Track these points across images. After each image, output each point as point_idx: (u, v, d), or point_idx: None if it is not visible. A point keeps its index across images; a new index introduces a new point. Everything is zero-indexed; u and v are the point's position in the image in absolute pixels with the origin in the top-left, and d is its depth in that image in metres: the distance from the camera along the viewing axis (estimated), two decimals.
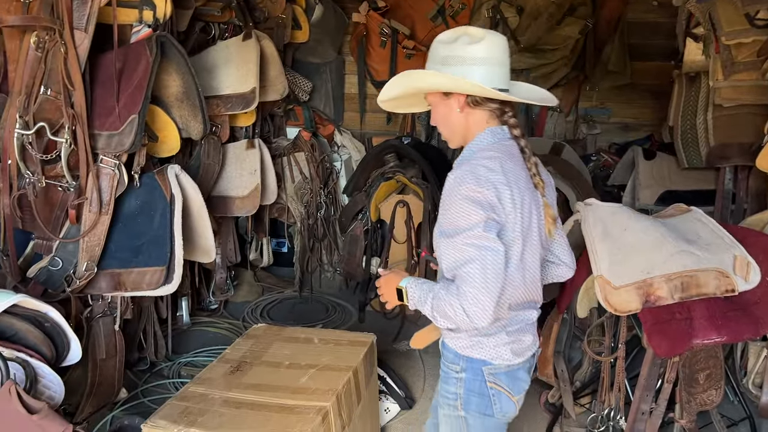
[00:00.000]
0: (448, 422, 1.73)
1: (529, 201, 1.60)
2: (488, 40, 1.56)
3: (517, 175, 1.58)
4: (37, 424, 1.71)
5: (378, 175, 4.29)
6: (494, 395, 1.66)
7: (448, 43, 1.58)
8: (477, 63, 1.54)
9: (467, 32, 1.58)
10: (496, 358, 1.64)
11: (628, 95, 4.58)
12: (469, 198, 1.49)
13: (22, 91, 2.23)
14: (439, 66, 1.58)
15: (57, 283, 2.43)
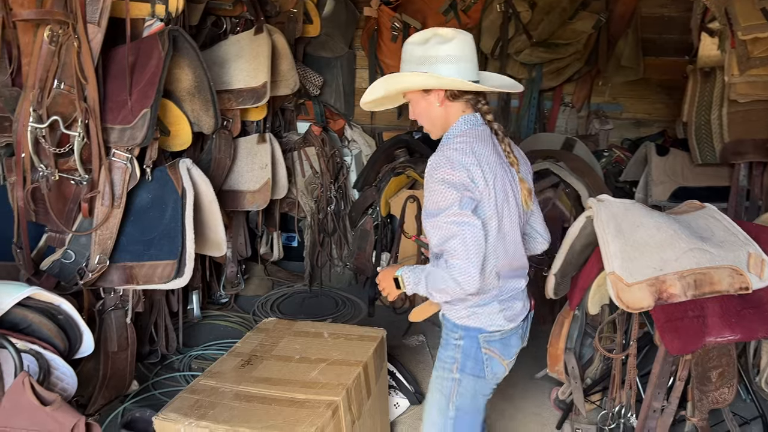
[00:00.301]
0: (441, 383, 1.89)
1: (503, 177, 1.75)
2: (458, 38, 1.72)
3: (487, 155, 1.73)
4: (50, 416, 1.72)
5: (388, 170, 4.28)
6: (487, 359, 1.84)
7: (420, 44, 1.73)
8: (451, 60, 1.70)
9: (437, 33, 1.72)
10: (490, 326, 1.81)
11: (640, 91, 4.55)
12: (444, 181, 1.66)
13: (35, 85, 2.24)
14: (416, 66, 1.72)
15: (69, 276, 2.45)
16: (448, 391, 1.88)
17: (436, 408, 1.93)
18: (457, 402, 1.88)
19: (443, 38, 1.71)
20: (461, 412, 1.89)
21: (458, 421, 1.90)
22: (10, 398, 1.73)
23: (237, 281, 3.92)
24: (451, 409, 1.89)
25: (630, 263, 2.19)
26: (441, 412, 1.91)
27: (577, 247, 2.39)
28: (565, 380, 2.75)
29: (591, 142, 4.47)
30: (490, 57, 4.50)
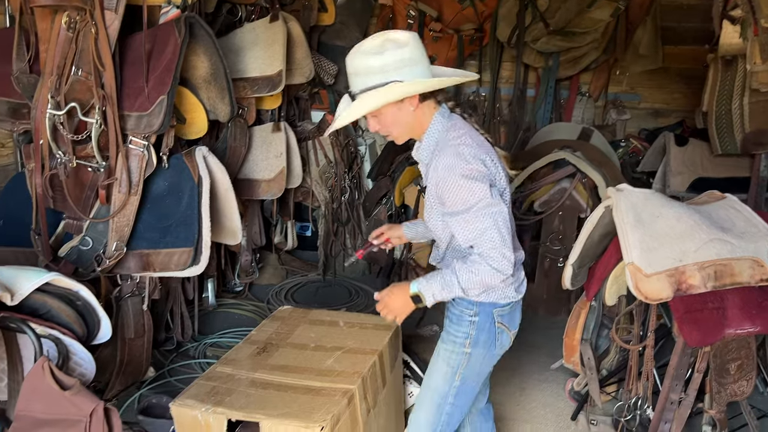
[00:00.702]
0: (448, 356, 1.92)
1: (493, 155, 1.82)
2: (413, 40, 1.70)
3: (480, 139, 1.81)
4: (69, 400, 1.74)
5: (403, 159, 4.26)
6: (498, 333, 1.90)
7: (377, 53, 1.68)
8: (415, 63, 1.69)
9: (389, 39, 1.69)
10: (504, 298, 1.87)
11: (659, 80, 4.48)
12: (466, 176, 1.69)
13: (53, 72, 2.25)
14: (378, 76, 1.68)
15: (87, 263, 2.46)
16: (457, 364, 1.92)
17: (441, 376, 1.96)
18: (464, 373, 1.93)
19: (399, 43, 1.68)
20: (466, 380, 1.95)
21: (461, 389, 1.96)
22: (30, 382, 1.74)
23: (251, 270, 3.93)
24: (456, 379, 1.94)
25: (649, 254, 2.16)
26: (446, 380, 1.95)
27: (595, 237, 2.37)
28: (581, 371, 2.73)
29: (608, 132, 4.43)
30: (507, 45, 4.45)
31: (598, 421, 2.80)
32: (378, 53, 1.67)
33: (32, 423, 1.73)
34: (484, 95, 4.77)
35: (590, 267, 2.55)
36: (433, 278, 1.80)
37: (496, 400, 3.02)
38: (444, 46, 4.56)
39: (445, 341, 1.96)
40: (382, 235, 2.26)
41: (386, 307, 1.89)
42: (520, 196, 3.77)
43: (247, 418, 1.95)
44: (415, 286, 1.81)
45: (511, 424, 2.85)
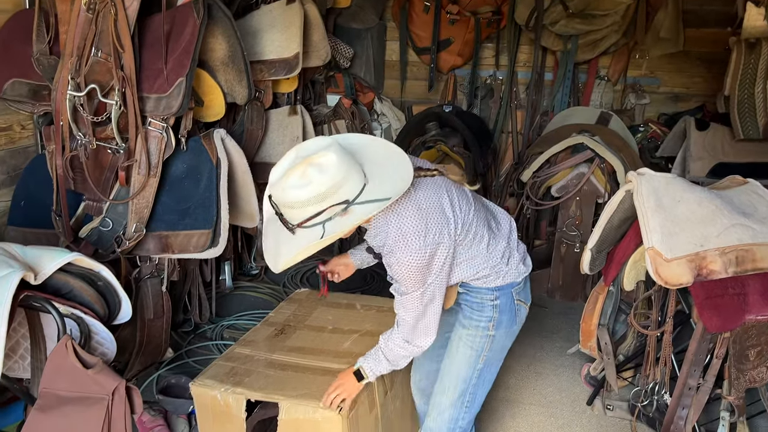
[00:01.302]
0: (472, 340, 1.93)
1: (451, 197, 1.74)
2: (334, 156, 1.54)
3: (430, 200, 1.70)
4: (92, 378, 1.76)
5: (419, 143, 4.25)
6: (518, 310, 1.95)
7: (303, 185, 1.52)
8: (345, 181, 1.54)
9: (311, 163, 1.52)
10: (519, 276, 1.92)
11: (679, 64, 4.42)
12: (414, 265, 1.68)
13: (73, 53, 2.25)
14: (314, 206, 1.54)
15: (107, 244, 2.48)
16: (481, 347, 1.94)
17: (464, 360, 1.96)
18: (488, 355, 1.96)
19: (321, 167, 1.52)
20: (489, 362, 1.98)
21: (484, 370, 1.98)
22: (54, 361, 1.77)
23: None
24: (480, 362, 1.96)
25: (670, 238, 2.14)
26: (470, 365, 1.96)
27: (615, 221, 2.36)
28: (597, 356, 2.73)
29: (626, 116, 4.38)
30: (525, 28, 4.40)
31: (614, 406, 2.80)
32: (304, 185, 1.52)
33: (56, 400, 1.75)
34: (501, 79, 4.72)
35: (609, 252, 2.53)
36: (369, 355, 1.92)
37: (511, 384, 3.04)
38: (461, 29, 4.52)
39: (466, 326, 1.95)
40: (328, 265, 2.21)
41: (335, 391, 1.91)
42: (537, 181, 3.75)
43: (266, 399, 1.97)
44: (357, 364, 1.92)
45: (527, 409, 2.86)
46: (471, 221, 1.79)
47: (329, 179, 1.52)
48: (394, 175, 1.64)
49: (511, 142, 4.73)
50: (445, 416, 2.00)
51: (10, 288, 1.66)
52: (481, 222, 1.84)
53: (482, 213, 1.88)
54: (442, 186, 1.75)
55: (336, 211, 1.56)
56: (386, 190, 1.60)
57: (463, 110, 4.56)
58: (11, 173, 2.80)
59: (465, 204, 1.79)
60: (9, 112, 2.73)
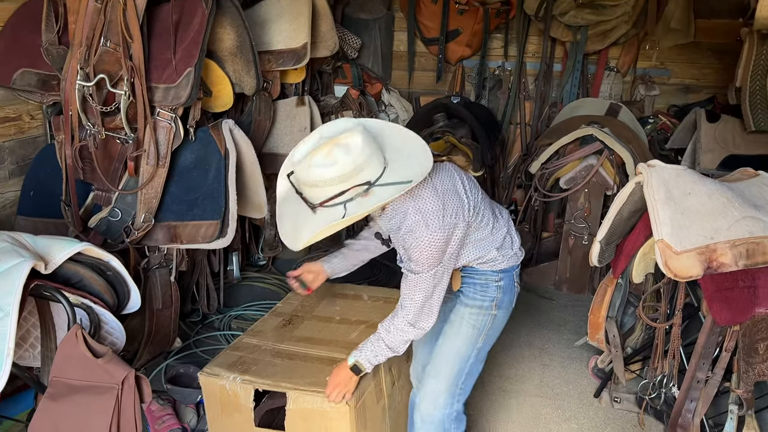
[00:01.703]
0: (475, 319, 1.99)
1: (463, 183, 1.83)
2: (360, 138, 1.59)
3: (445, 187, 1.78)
4: (102, 367, 1.77)
5: (426, 134, 4.23)
6: (516, 291, 2.06)
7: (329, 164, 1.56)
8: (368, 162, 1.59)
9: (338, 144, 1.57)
10: (518, 260, 2.02)
11: (690, 55, 4.38)
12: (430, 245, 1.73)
13: (82, 43, 2.25)
14: (337, 186, 1.58)
15: (116, 234, 2.49)
16: (483, 326, 2.00)
17: (464, 339, 2.01)
18: (489, 333, 2.03)
19: (348, 148, 1.57)
20: (487, 341, 2.05)
21: (482, 348, 2.05)
22: (64, 350, 1.78)
23: (275, 244, 3.95)
24: (480, 340, 2.02)
25: (679, 231, 2.13)
26: (470, 342, 2.01)
27: (625, 213, 2.34)
28: (605, 349, 2.72)
29: (636, 108, 4.35)
30: (534, 18, 4.37)
31: (622, 398, 2.79)
32: (330, 164, 1.56)
33: (66, 388, 1.77)
34: (509, 70, 4.70)
35: (618, 244, 2.52)
36: (365, 346, 1.91)
37: (518, 376, 3.04)
38: (470, 19, 4.49)
39: (469, 305, 2.01)
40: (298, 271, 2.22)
41: (335, 388, 1.90)
42: (545, 173, 3.73)
43: (275, 389, 1.98)
44: (351, 359, 1.91)
45: (534, 400, 2.86)
46: (480, 204, 1.88)
47: (353, 160, 1.57)
48: (412, 160, 1.70)
49: (520, 134, 4.71)
50: (440, 401, 2.02)
51: (21, 277, 1.67)
52: (487, 206, 1.93)
53: (487, 199, 1.97)
54: (453, 171, 1.85)
55: (358, 191, 1.60)
56: (408, 174, 1.65)
57: (471, 101, 4.54)
58: (21, 163, 2.81)
59: (474, 188, 1.89)
60: (18, 102, 2.73)
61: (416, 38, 4.82)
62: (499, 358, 3.13)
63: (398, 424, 2.30)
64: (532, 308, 3.66)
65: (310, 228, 1.66)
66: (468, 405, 2.17)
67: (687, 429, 2.32)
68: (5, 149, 2.74)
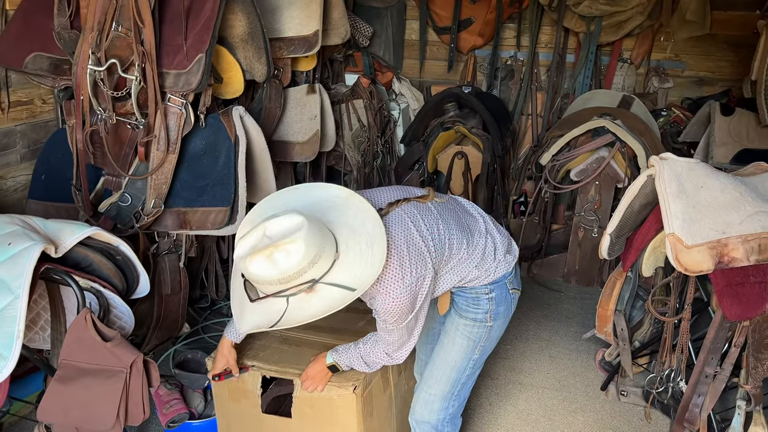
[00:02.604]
0: (470, 330, 1.95)
1: (421, 230, 1.75)
2: (299, 239, 1.48)
3: (409, 242, 1.71)
4: (110, 351, 1.78)
5: (437, 124, 4.22)
6: (513, 298, 2.00)
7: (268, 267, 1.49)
8: (315, 263, 1.52)
9: (277, 248, 1.47)
10: (509, 266, 1.95)
11: (705, 47, 4.32)
12: (397, 310, 1.70)
13: (94, 27, 2.25)
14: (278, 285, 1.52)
15: (126, 219, 2.50)
16: (478, 338, 1.97)
17: (459, 351, 1.98)
18: (485, 344, 2.00)
19: (285, 251, 1.47)
20: (483, 352, 2.02)
21: (478, 360, 2.03)
22: (73, 333, 1.79)
23: None
24: (476, 352, 1.99)
25: (691, 225, 2.11)
26: (465, 354, 1.99)
27: (636, 206, 2.33)
28: (613, 342, 2.71)
29: (649, 100, 4.31)
30: (547, 9, 4.33)
31: (629, 392, 2.79)
32: (270, 268, 1.49)
33: (75, 371, 1.78)
34: (522, 60, 4.66)
35: (628, 237, 2.50)
36: (344, 352, 1.92)
37: (525, 368, 3.04)
38: (482, 9, 4.45)
39: (463, 317, 1.96)
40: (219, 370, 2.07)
41: (310, 380, 1.93)
42: (556, 164, 3.71)
43: (282, 376, 1.99)
44: (330, 358, 1.92)
45: (541, 392, 2.86)
46: (443, 237, 1.79)
47: (295, 265, 1.48)
48: (366, 253, 1.61)
49: (531, 125, 4.68)
50: (435, 407, 2.02)
51: (31, 260, 1.68)
52: (453, 230, 1.83)
53: (451, 220, 1.85)
54: (405, 218, 1.75)
55: (302, 289, 1.54)
56: (355, 274, 1.58)
57: (482, 91, 4.51)
58: (32, 147, 2.82)
59: (433, 225, 1.79)
60: (30, 86, 2.74)
61: (428, 27, 4.79)
62: (507, 349, 3.13)
63: (404, 413, 2.30)
64: (540, 300, 3.65)
65: (250, 321, 1.66)
66: (474, 396, 2.18)
67: (694, 424, 2.32)
68: (17, 133, 2.76)
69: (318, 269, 1.53)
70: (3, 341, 1.60)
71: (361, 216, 1.69)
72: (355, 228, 1.65)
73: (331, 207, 1.72)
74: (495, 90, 4.75)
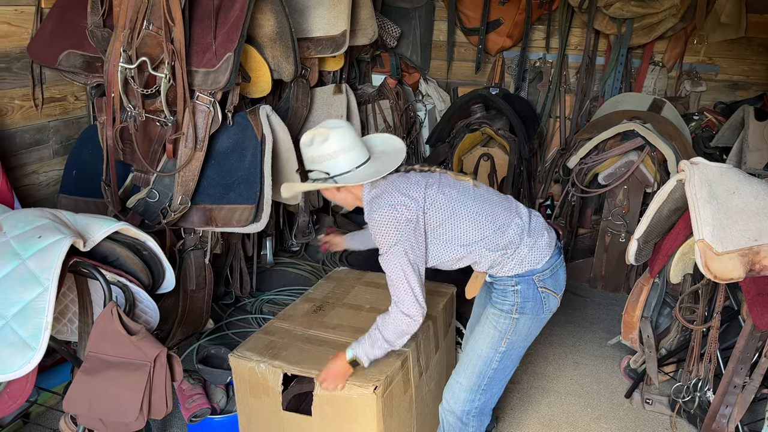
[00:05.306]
0: (496, 320, 2.02)
1: (434, 183, 1.98)
2: (334, 134, 1.92)
3: (407, 179, 1.99)
4: (135, 345, 1.81)
5: (463, 126, 4.20)
6: (544, 297, 2.01)
7: (308, 145, 1.96)
8: (336, 155, 1.93)
9: (317, 133, 1.95)
10: (538, 263, 1.98)
11: (740, 51, 4.23)
12: (383, 223, 1.90)
13: (126, 26, 2.28)
14: (311, 164, 1.99)
15: (153, 215, 2.53)
16: (505, 329, 2.01)
17: (487, 341, 2.04)
18: (511, 338, 2.02)
19: (322, 137, 1.93)
20: (511, 347, 2.04)
21: (506, 354, 2.04)
22: (100, 326, 1.82)
23: (308, 231, 3.97)
24: (503, 345, 2.03)
25: (721, 231, 2.07)
26: (492, 345, 2.03)
27: (664, 211, 2.28)
28: (639, 349, 2.67)
29: (680, 104, 4.22)
30: (578, 10, 4.27)
31: (654, 400, 2.74)
32: (308, 145, 1.96)
33: (101, 363, 1.81)
34: (551, 62, 4.62)
35: (656, 243, 2.46)
36: (363, 340, 1.96)
37: (549, 373, 3.00)
38: (512, 10, 4.42)
39: (493, 307, 2.03)
40: (326, 240, 2.53)
41: (330, 381, 1.94)
42: (584, 168, 3.66)
43: (303, 374, 2.00)
44: (350, 353, 1.95)
45: (564, 398, 2.83)
46: (455, 202, 1.96)
47: (322, 149, 1.94)
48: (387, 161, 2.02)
49: (559, 127, 4.63)
50: (460, 397, 2.07)
51: (61, 253, 1.71)
52: (484, 207, 1.98)
53: (487, 202, 2.01)
54: (428, 175, 2.04)
55: (320, 175, 1.97)
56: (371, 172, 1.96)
57: (510, 93, 4.48)
58: (64, 143, 2.88)
59: (449, 188, 1.98)
60: (64, 83, 2.80)
61: (456, 28, 4.77)
62: (530, 354, 3.10)
63: (424, 414, 2.29)
64: (566, 305, 3.60)
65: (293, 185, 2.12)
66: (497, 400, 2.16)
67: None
68: (50, 128, 2.82)
69: (338, 164, 1.93)
70: (31, 332, 1.63)
71: (394, 158, 2.04)
72: (387, 151, 2.08)
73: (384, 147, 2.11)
74: (523, 92, 4.71)
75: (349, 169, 1.95)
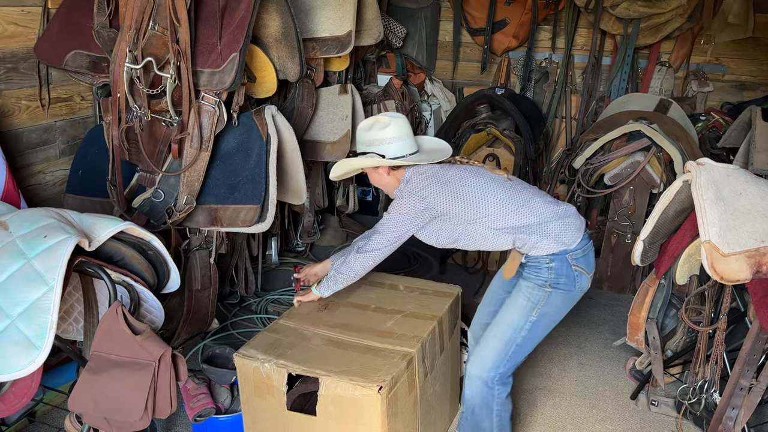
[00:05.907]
0: (530, 292, 2.14)
1: (466, 175, 2.16)
2: (394, 123, 2.15)
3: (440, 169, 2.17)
4: (140, 344, 1.81)
5: (468, 126, 4.19)
6: (577, 275, 2.12)
7: (366, 129, 2.17)
8: (392, 141, 2.14)
9: (378, 120, 2.17)
10: (571, 243, 2.10)
11: (747, 51, 4.21)
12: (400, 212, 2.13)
13: (132, 26, 2.29)
14: (366, 147, 2.18)
15: (159, 215, 2.54)
16: (537, 299, 2.13)
17: (518, 310, 2.16)
18: (543, 309, 2.14)
19: (383, 124, 2.15)
20: (542, 318, 2.15)
21: (536, 324, 2.15)
22: (105, 325, 1.83)
23: (313, 231, 3.98)
24: (534, 314, 2.14)
25: (728, 232, 2.05)
26: (523, 314, 2.15)
27: (670, 212, 2.27)
28: (644, 350, 2.66)
29: (687, 104, 4.20)
30: (584, 10, 4.26)
31: (660, 402, 2.73)
32: (367, 130, 2.17)
33: (106, 363, 1.82)
34: (556, 62, 4.60)
35: (662, 244, 2.45)
36: (327, 279, 2.31)
37: (553, 374, 2.99)
38: (517, 10, 4.41)
39: (527, 280, 2.16)
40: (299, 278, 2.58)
41: None
42: (590, 168, 3.65)
43: (308, 374, 1.99)
44: (315, 291, 2.33)
45: (569, 399, 2.82)
46: (485, 192, 2.11)
47: (382, 134, 2.15)
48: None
49: (565, 128, 4.62)
50: (487, 364, 2.17)
51: (66, 253, 1.72)
52: (515, 192, 2.14)
53: (520, 189, 2.17)
54: (461, 167, 2.21)
55: (376, 157, 2.17)
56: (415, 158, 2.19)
57: (515, 93, 4.47)
58: (71, 142, 2.90)
59: (483, 179, 2.15)
60: (70, 83, 2.81)
61: (462, 28, 4.77)
62: (534, 354, 3.08)
63: (429, 415, 2.29)
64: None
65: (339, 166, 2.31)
66: None
67: None
68: (57, 128, 2.83)
69: (390, 149, 2.14)
70: (37, 331, 1.64)
71: (441, 153, 2.27)
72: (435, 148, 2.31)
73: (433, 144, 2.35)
74: (529, 92, 4.70)
75: (403, 155, 2.15)
